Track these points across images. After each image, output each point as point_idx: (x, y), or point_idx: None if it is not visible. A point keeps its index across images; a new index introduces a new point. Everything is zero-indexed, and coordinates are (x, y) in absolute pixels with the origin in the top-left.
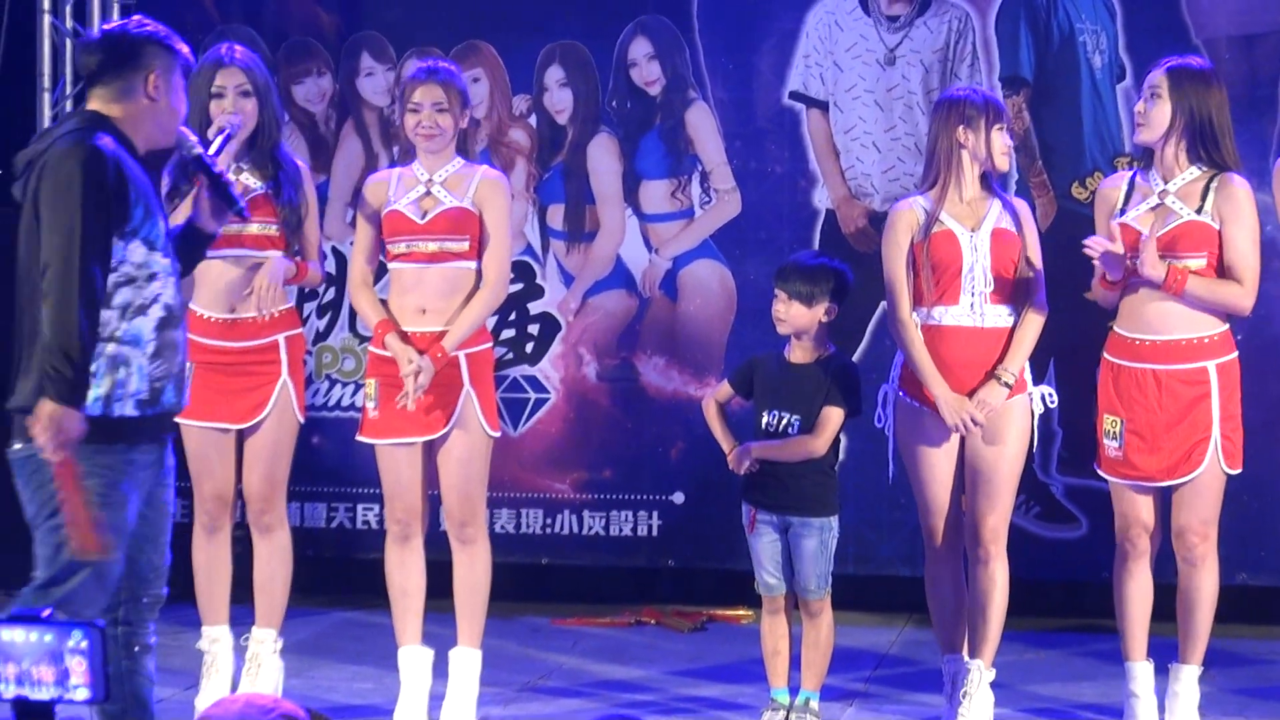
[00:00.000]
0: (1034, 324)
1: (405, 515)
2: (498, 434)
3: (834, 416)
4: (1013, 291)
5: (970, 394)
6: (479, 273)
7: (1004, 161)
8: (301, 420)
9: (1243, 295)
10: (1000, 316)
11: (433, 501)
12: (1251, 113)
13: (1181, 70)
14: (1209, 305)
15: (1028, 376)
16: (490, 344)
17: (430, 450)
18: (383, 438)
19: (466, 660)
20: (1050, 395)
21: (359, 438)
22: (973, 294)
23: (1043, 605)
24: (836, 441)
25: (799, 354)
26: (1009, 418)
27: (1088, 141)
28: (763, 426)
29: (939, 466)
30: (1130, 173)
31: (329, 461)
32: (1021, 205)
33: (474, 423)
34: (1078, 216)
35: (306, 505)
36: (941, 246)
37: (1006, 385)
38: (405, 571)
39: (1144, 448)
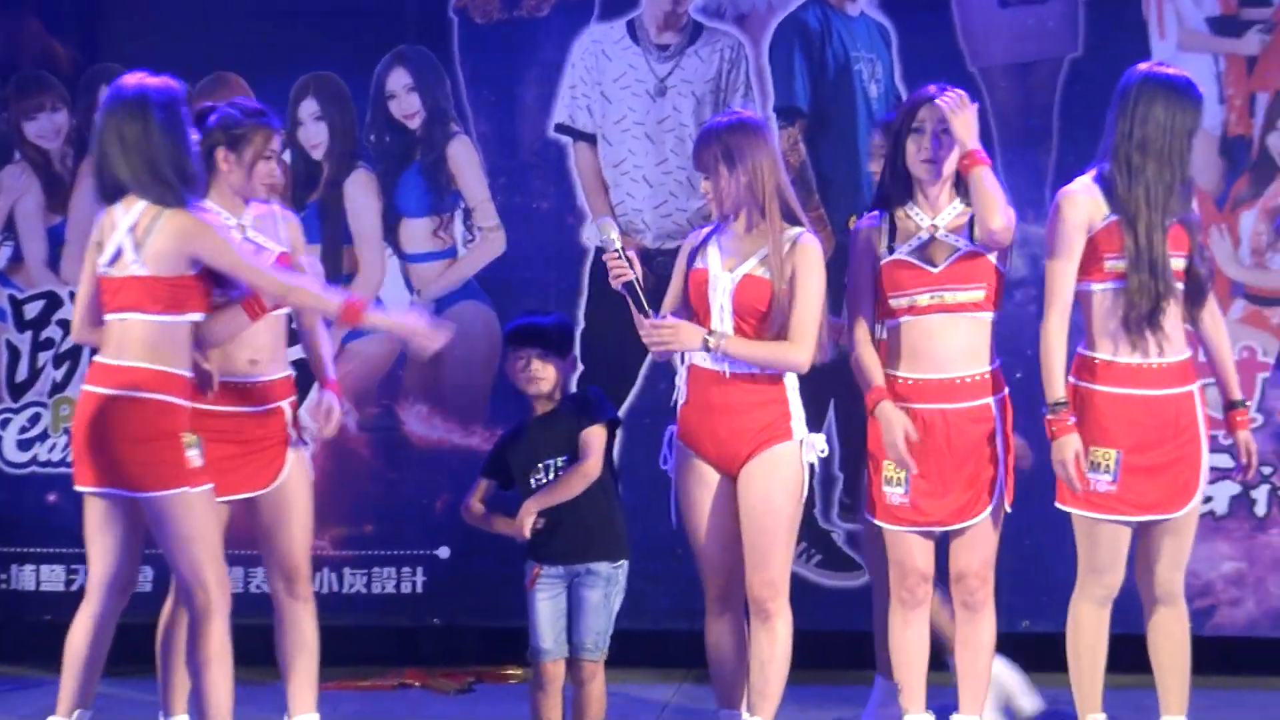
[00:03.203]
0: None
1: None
2: None
3: (595, 433)
4: (756, 337)
5: (724, 444)
6: (287, 317)
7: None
8: None
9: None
10: (744, 363)
11: None
12: (1027, 143)
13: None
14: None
15: (797, 425)
16: None
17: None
18: (215, 495)
19: None
20: (822, 446)
21: (187, 488)
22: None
23: (825, 657)
24: (614, 472)
25: (542, 406)
26: (776, 468)
27: (865, 174)
28: (533, 486)
29: (709, 516)
30: (876, 214)
31: (68, 519)
32: (802, 247)
33: (305, 474)
34: None
35: (43, 567)
36: (696, 286)
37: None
38: (290, 643)
39: (932, 491)
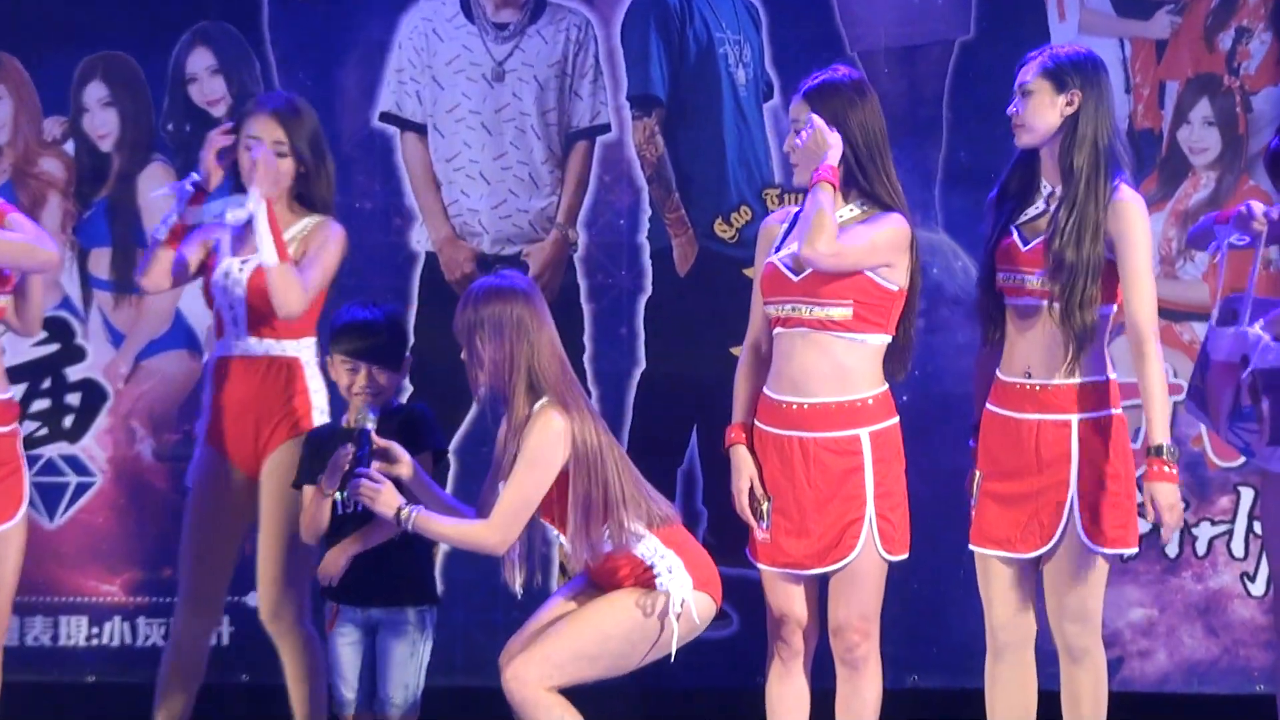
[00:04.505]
0: None
1: None
2: None
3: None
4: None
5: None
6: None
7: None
8: None
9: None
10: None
11: None
12: (913, 137)
13: (817, 90)
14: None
15: (662, 580)
16: None
17: None
18: None
19: None
20: (682, 609)
21: None
22: None
23: (689, 716)
24: None
25: (362, 416)
26: (624, 596)
27: (732, 171)
28: (339, 511)
29: (569, 590)
30: (797, 209)
31: None
32: (534, 416)
33: (24, 507)
34: (721, 258)
35: None
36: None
37: None
38: None
39: (791, 529)
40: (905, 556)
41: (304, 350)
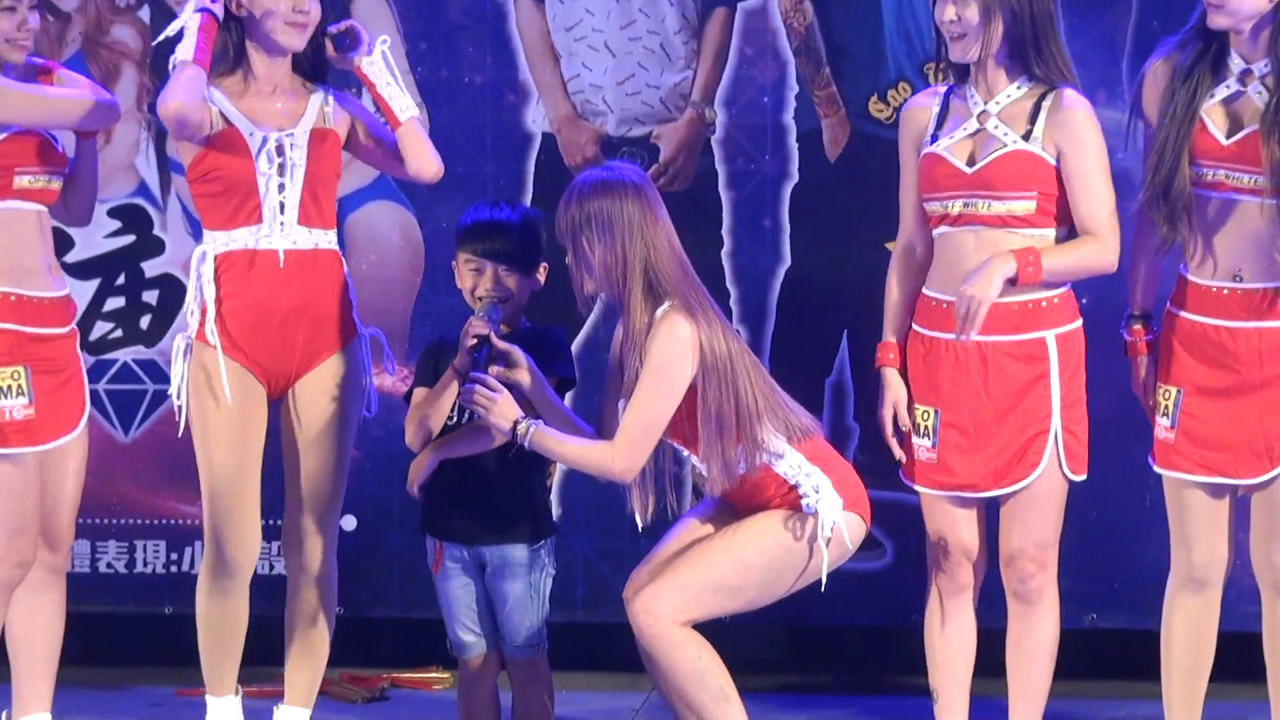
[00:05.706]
0: None
1: (34, 550)
2: None
3: None
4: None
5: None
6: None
7: None
8: None
9: (1105, 251)
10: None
11: None
12: (1098, 5)
13: None
14: (1076, 277)
15: (810, 499)
16: None
17: None
18: (45, 441)
19: None
20: (831, 534)
21: (8, 449)
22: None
23: (835, 657)
24: None
25: (482, 315)
26: (770, 518)
27: (889, 43)
28: (450, 423)
29: (694, 513)
30: (944, 88)
31: None
32: (658, 323)
33: (85, 419)
34: (877, 140)
35: None
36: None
37: None
38: (34, 623)
39: (965, 446)
40: (1084, 477)
41: (337, 243)
